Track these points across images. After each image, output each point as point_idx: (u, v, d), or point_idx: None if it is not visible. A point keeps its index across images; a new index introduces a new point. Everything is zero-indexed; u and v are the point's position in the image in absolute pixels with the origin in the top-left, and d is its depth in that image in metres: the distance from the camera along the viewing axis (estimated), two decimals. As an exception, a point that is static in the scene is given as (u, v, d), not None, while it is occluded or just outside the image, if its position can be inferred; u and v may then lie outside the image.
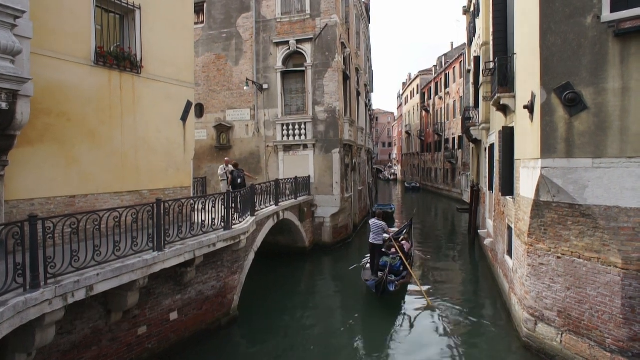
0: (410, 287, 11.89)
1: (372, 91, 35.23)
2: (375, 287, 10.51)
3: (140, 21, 8.89)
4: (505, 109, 9.99)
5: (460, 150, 34.21)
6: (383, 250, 12.20)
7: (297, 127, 17.02)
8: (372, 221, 11.75)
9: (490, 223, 13.79)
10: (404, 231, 16.59)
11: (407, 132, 62.32)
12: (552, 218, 7.09)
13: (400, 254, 12.29)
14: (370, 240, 11.63)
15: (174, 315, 7.64)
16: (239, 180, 11.88)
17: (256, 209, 10.92)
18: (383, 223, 11.58)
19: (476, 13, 17.78)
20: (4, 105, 5.47)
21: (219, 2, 18.17)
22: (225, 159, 14.26)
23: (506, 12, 10.28)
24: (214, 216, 8.33)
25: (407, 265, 11.84)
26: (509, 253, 9.80)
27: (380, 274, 11.06)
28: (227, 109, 18.23)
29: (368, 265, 12.46)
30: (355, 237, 19.68)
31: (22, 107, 5.82)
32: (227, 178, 12.61)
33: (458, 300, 11.17)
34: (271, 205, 12.55)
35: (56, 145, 7.24)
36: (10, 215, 6.49)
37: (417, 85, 54.59)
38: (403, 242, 14.54)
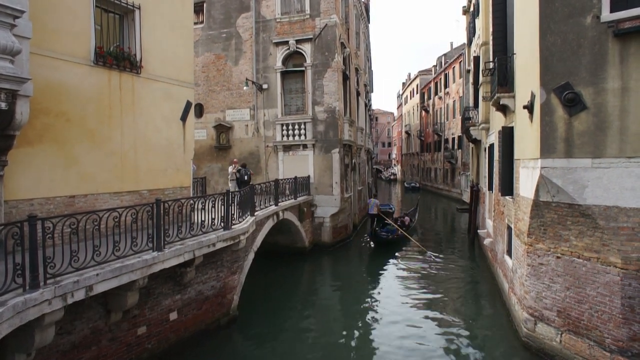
0: (413, 297, 11.88)
1: (372, 91, 35.23)
2: (369, 235, 17.42)
3: (140, 21, 8.89)
4: (504, 109, 9.99)
5: (459, 150, 34.21)
6: (383, 218, 18.96)
7: (296, 127, 17.01)
8: (369, 200, 19.52)
9: (489, 223, 13.80)
10: (409, 211, 23.50)
11: (406, 132, 62.33)
12: (552, 218, 7.09)
13: (392, 223, 18.88)
14: (369, 212, 18.70)
15: (173, 315, 7.64)
16: (245, 178, 12.87)
17: (256, 209, 10.92)
18: (377, 200, 19.11)
19: (476, 13, 17.79)
20: (3, 106, 5.46)
21: (218, 2, 18.17)
22: (234, 160, 14.84)
23: (506, 12, 10.29)
24: (213, 216, 8.33)
25: (399, 228, 18.32)
26: (509, 253, 9.81)
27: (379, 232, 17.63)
28: (227, 109, 18.23)
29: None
30: (355, 237, 19.68)
31: (21, 107, 5.81)
32: (236, 178, 13.53)
33: (458, 300, 11.17)
34: (271, 205, 12.55)
35: (55, 145, 7.23)
36: (9, 215, 6.48)
37: (417, 85, 54.60)
38: (405, 217, 21.26)
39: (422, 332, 8.98)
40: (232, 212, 8.89)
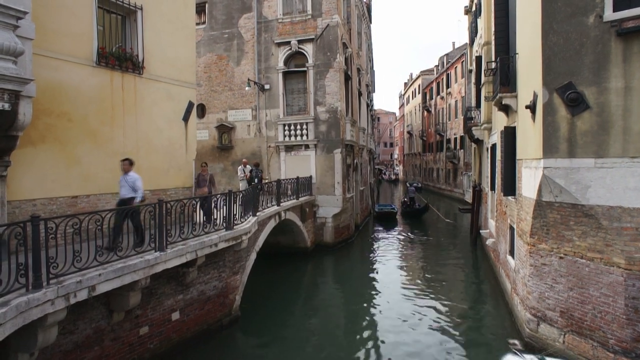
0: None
1: (374, 91, 35.21)
2: (403, 207, 28.10)
3: (142, 22, 8.91)
4: (507, 109, 9.97)
5: (462, 150, 34.14)
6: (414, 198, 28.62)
7: (298, 127, 17.02)
8: (409, 188, 31.71)
9: (492, 223, 13.76)
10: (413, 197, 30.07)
11: (408, 132, 62.26)
12: (555, 218, 7.07)
13: (422, 199, 29.29)
14: (409, 195, 29.08)
15: (175, 315, 7.65)
16: (256, 180, 13.00)
17: (258, 209, 10.93)
18: (413, 188, 30.84)
19: (478, 13, 17.75)
20: (6, 106, 5.49)
21: (220, 2, 18.20)
22: (243, 160, 14.98)
23: (508, 12, 10.26)
24: (215, 216, 8.34)
25: (427, 203, 28.25)
26: (511, 253, 9.78)
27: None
28: (229, 109, 18.25)
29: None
30: (357, 237, 19.66)
31: (24, 108, 5.84)
32: (245, 177, 13.68)
33: (460, 300, 11.14)
34: (273, 206, 12.55)
35: (58, 145, 7.26)
36: (12, 215, 6.51)
37: (419, 85, 54.54)
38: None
39: (425, 332, 8.96)
40: (234, 212, 8.89)
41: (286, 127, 17.25)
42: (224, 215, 8.58)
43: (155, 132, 9.30)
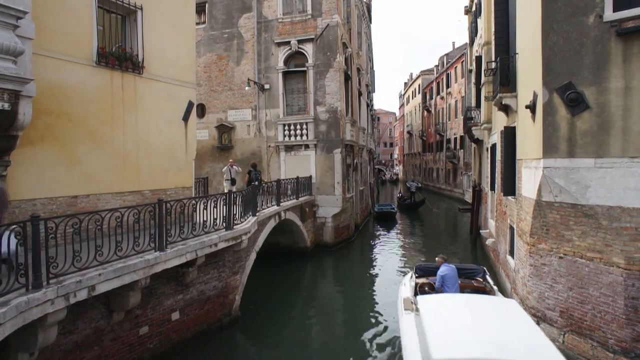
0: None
1: (374, 91, 35.23)
2: (399, 200, 33.02)
3: (142, 22, 8.90)
4: (507, 109, 9.97)
5: (461, 150, 34.15)
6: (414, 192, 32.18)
7: (298, 127, 17.01)
8: (408, 183, 36.21)
9: (492, 223, 13.76)
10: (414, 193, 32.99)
11: (408, 132, 62.25)
12: (554, 218, 7.07)
13: (422, 197, 31.29)
14: (410, 190, 32.51)
15: (175, 315, 7.65)
16: (256, 182, 12.70)
17: (258, 209, 10.93)
18: (415, 184, 34.44)
19: (478, 13, 17.76)
20: (6, 106, 5.48)
21: (220, 2, 18.19)
22: (230, 160, 14.77)
23: (508, 12, 10.26)
24: (215, 216, 8.34)
25: (424, 196, 31.85)
26: (511, 253, 9.78)
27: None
28: (229, 109, 18.25)
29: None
30: (357, 237, 19.67)
31: (24, 108, 5.83)
32: (230, 178, 13.48)
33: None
34: (273, 206, 12.55)
35: (58, 145, 7.25)
36: (12, 215, 6.50)
37: (419, 85, 54.55)
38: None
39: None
40: (234, 212, 8.89)
41: (286, 127, 17.25)
42: (224, 215, 8.58)
43: (155, 132, 9.29)
